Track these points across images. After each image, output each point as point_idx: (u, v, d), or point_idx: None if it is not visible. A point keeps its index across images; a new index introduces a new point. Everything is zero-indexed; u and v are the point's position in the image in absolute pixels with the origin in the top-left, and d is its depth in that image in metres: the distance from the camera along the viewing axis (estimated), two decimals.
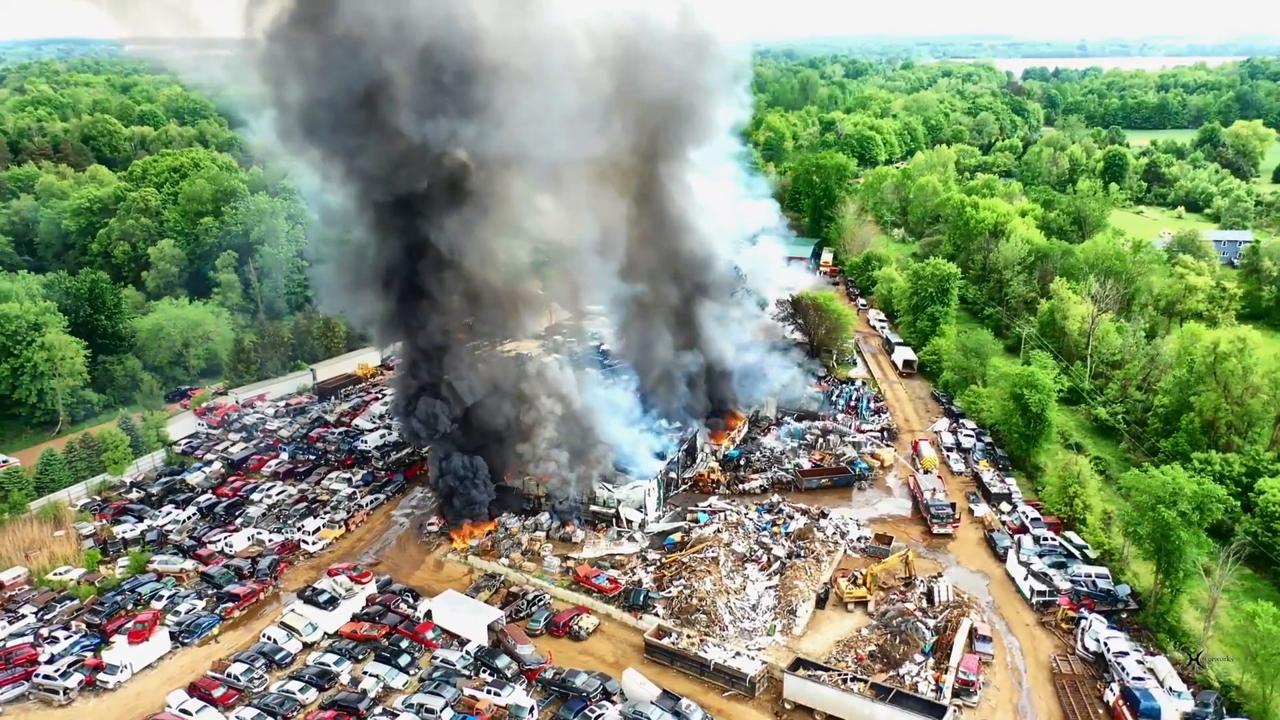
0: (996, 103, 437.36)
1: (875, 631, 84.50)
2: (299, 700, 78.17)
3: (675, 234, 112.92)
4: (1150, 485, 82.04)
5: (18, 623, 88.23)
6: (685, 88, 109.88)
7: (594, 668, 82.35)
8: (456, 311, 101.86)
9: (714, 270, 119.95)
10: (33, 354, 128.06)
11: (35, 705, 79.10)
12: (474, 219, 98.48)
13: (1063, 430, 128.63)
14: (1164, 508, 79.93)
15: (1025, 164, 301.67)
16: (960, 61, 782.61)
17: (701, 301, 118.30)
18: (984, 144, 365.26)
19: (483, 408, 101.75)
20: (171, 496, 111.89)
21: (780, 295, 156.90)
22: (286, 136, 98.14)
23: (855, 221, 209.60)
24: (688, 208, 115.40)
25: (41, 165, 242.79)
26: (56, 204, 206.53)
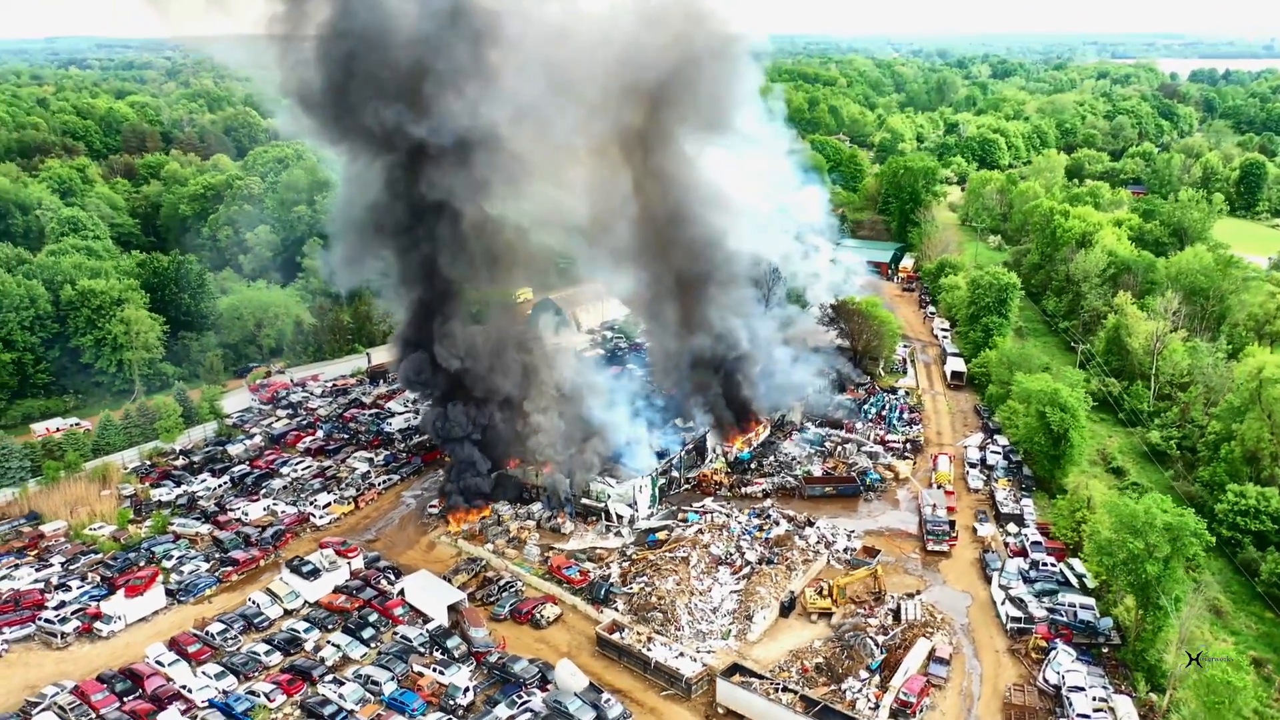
0: (1143, 106, 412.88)
1: (828, 644, 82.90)
2: (262, 662, 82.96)
3: (680, 224, 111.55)
4: (1121, 513, 77.39)
5: (43, 570, 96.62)
6: (683, 61, 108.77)
7: (547, 656, 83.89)
8: (454, 264, 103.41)
9: (730, 267, 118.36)
10: (113, 327, 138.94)
11: (38, 646, 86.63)
12: (477, 177, 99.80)
13: (1106, 452, 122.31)
14: (1131, 538, 75.31)
15: (1155, 172, 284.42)
16: (1120, 62, 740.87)
17: (717, 299, 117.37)
18: (1117, 149, 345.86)
19: (479, 374, 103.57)
20: (211, 465, 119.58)
21: (827, 299, 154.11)
22: (309, 108, 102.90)
23: (937, 226, 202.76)
24: (699, 199, 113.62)
25: (170, 153, 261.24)
26: (178, 190, 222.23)
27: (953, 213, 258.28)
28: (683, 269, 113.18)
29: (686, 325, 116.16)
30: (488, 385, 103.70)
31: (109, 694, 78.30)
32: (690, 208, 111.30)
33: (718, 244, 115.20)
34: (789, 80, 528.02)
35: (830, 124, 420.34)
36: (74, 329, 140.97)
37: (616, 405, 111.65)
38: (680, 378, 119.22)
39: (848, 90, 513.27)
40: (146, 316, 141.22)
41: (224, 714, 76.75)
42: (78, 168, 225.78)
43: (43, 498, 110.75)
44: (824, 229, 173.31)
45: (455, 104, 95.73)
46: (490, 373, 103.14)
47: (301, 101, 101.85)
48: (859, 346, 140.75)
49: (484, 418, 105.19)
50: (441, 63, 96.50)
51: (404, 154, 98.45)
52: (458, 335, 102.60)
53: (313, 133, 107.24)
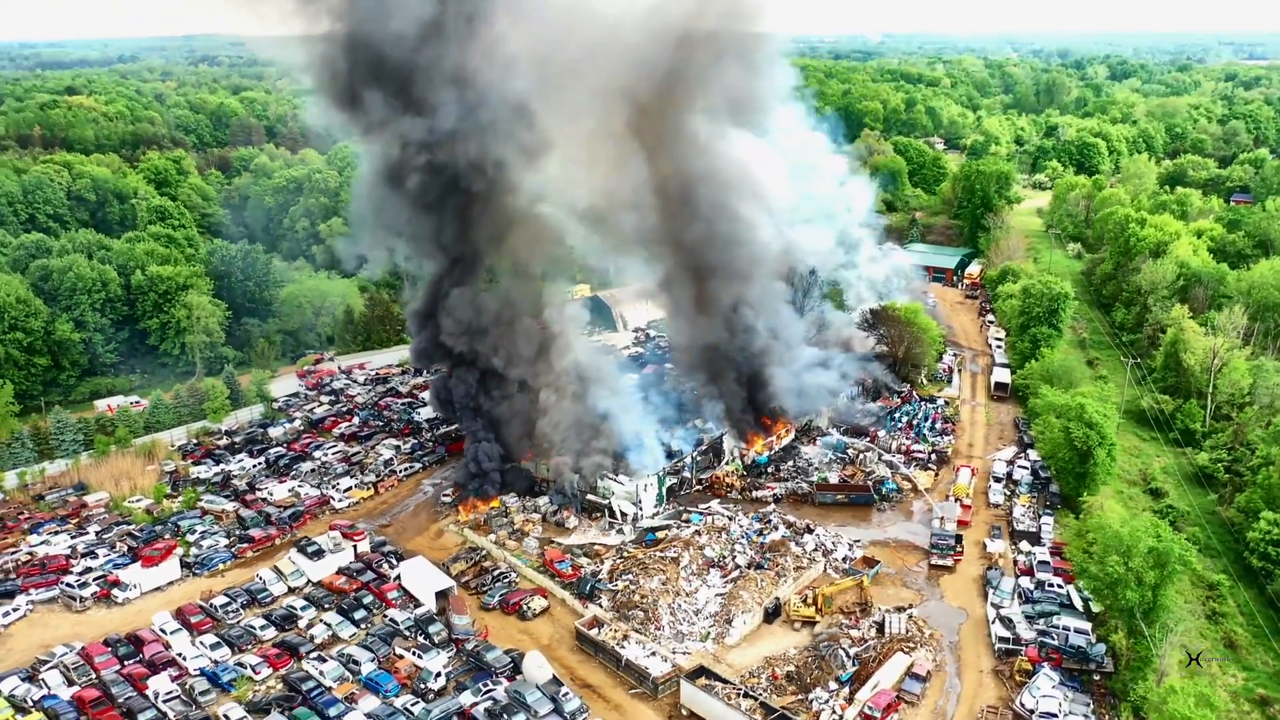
0: (1264, 110, 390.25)
1: (803, 653, 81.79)
2: (257, 636, 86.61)
3: (691, 206, 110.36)
4: (1106, 535, 74.11)
5: (78, 538, 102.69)
6: (692, 47, 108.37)
7: (528, 647, 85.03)
8: (467, 234, 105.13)
9: (749, 256, 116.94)
10: (177, 311, 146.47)
11: (60, 608, 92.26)
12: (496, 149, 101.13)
13: (1148, 473, 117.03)
14: (1115, 561, 72.09)
15: (1263, 180, 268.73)
16: (1253, 64, 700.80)
17: (738, 292, 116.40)
18: (1229, 155, 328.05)
19: (484, 344, 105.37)
20: (250, 446, 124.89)
21: (871, 300, 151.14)
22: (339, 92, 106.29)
23: (1008, 232, 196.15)
24: (716, 183, 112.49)
25: (264, 148, 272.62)
26: (265, 182, 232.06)
27: (1040, 219, 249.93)
28: (698, 256, 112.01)
29: (703, 318, 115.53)
30: (494, 356, 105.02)
31: (111, 657, 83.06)
32: (703, 190, 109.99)
33: (736, 231, 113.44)
34: (890, 81, 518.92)
35: (927, 125, 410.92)
36: (142, 312, 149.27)
37: (630, 401, 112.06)
38: (701, 376, 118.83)
39: (950, 91, 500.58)
40: (208, 302, 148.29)
41: (211, 682, 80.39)
42: (174, 160, 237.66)
43: (92, 470, 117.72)
44: (868, 226, 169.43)
45: (484, 76, 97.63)
46: (497, 342, 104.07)
47: (328, 89, 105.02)
48: (898, 353, 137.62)
49: (494, 394, 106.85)
50: (457, 43, 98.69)
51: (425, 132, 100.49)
52: (464, 301, 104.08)
53: (340, 123, 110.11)
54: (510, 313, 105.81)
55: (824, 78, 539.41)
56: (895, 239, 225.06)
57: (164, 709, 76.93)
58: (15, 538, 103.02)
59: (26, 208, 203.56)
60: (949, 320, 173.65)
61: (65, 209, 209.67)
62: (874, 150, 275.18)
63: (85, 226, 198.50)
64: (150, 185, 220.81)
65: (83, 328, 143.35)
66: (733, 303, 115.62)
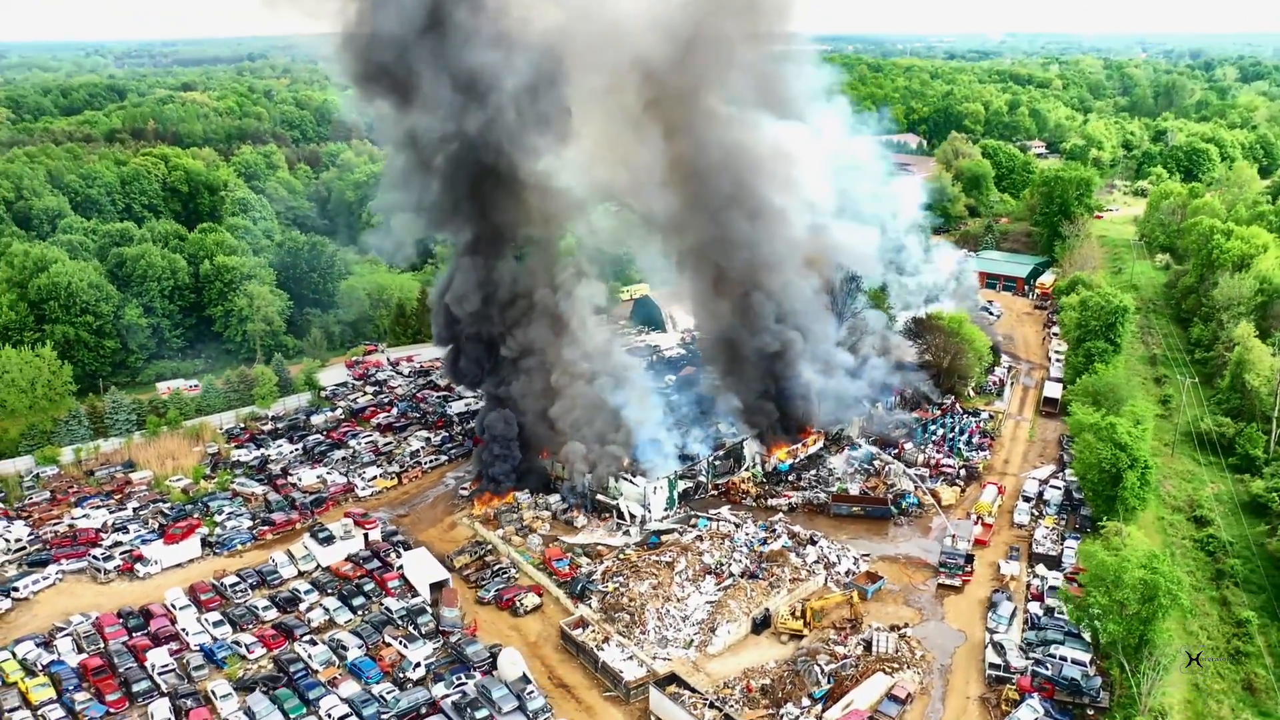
0: None
1: (781, 666, 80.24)
2: (259, 616, 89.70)
3: (707, 189, 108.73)
4: (1093, 564, 70.35)
5: (116, 513, 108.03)
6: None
7: (516, 643, 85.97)
8: (492, 208, 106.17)
9: (773, 249, 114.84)
10: (239, 300, 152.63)
11: (86, 579, 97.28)
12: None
13: (1195, 499, 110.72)
14: (1099, 592, 68.41)
15: None
16: None
17: (765, 287, 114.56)
18: None
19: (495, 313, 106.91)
20: (291, 432, 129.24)
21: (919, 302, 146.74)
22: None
23: (1086, 240, 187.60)
24: (737, 168, 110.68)
25: (350, 143, 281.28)
26: (348, 177, 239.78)
27: (1135, 227, 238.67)
28: (713, 240, 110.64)
29: (721, 311, 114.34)
30: (505, 327, 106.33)
31: (121, 628, 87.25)
32: (720, 169, 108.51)
33: (755, 214, 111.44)
34: (997, 82, 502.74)
35: (1030, 128, 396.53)
36: (208, 300, 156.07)
37: (647, 402, 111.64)
38: (725, 378, 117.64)
39: (1061, 94, 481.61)
40: (268, 292, 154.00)
41: (207, 658, 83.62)
42: (265, 154, 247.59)
43: (142, 449, 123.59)
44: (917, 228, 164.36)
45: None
46: (505, 311, 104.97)
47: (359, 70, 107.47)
48: (942, 364, 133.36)
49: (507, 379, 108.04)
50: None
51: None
52: (476, 269, 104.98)
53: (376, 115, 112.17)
54: (520, 289, 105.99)
55: (928, 78, 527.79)
56: (970, 245, 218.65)
57: (159, 681, 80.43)
58: (61, 510, 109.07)
59: (124, 197, 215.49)
60: (1011, 331, 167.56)
61: (159, 199, 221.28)
62: (960, 153, 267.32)
63: (177, 216, 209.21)
64: (239, 178, 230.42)
65: (151, 313, 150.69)
66: (748, 292, 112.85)
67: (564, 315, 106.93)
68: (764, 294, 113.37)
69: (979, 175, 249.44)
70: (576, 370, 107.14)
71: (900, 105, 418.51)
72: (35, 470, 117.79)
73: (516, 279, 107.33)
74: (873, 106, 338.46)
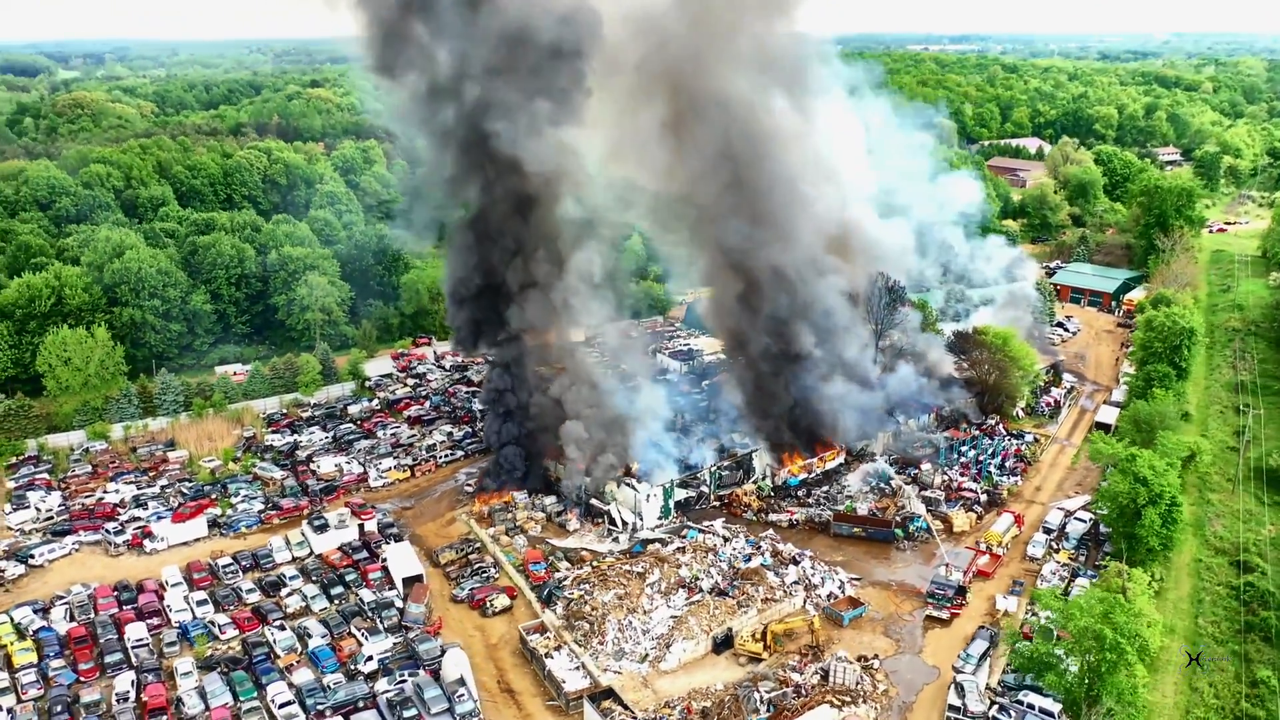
0: None
1: (727, 689, 77.24)
2: (242, 598, 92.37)
3: (720, 165, 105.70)
4: (1051, 608, 64.73)
5: (144, 489, 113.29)
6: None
7: (479, 643, 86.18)
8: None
9: (792, 242, 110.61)
10: (300, 289, 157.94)
11: (99, 551, 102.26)
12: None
13: (1244, 542, 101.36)
14: (1040, 640, 62.90)
15: None
16: None
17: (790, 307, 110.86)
18: None
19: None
20: (326, 421, 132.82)
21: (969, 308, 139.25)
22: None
23: (1183, 254, 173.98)
24: (754, 150, 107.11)
25: None
26: None
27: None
28: (730, 236, 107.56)
29: (739, 315, 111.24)
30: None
31: (113, 600, 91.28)
32: (733, 150, 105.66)
33: (773, 214, 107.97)
34: (1141, 84, 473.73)
35: (1166, 133, 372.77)
36: (273, 289, 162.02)
37: (654, 409, 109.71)
38: (743, 386, 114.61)
39: (1210, 97, 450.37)
40: (326, 282, 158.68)
41: (181, 635, 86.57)
42: (363, 149, 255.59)
43: (185, 429, 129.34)
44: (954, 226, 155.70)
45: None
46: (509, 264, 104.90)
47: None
48: (988, 381, 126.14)
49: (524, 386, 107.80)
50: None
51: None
52: (471, 250, 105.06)
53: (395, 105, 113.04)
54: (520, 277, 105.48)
55: (1065, 79, 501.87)
56: (1064, 257, 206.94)
57: (132, 654, 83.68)
58: (98, 483, 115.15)
59: (225, 188, 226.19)
60: (1086, 350, 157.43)
61: (259, 191, 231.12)
62: (1070, 158, 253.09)
63: (275, 208, 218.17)
64: (336, 172, 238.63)
65: (219, 299, 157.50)
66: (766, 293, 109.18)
67: (558, 303, 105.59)
68: (784, 297, 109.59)
69: (1086, 182, 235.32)
70: (579, 378, 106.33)
71: (1026, 108, 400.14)
72: (85, 444, 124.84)
73: (517, 259, 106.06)
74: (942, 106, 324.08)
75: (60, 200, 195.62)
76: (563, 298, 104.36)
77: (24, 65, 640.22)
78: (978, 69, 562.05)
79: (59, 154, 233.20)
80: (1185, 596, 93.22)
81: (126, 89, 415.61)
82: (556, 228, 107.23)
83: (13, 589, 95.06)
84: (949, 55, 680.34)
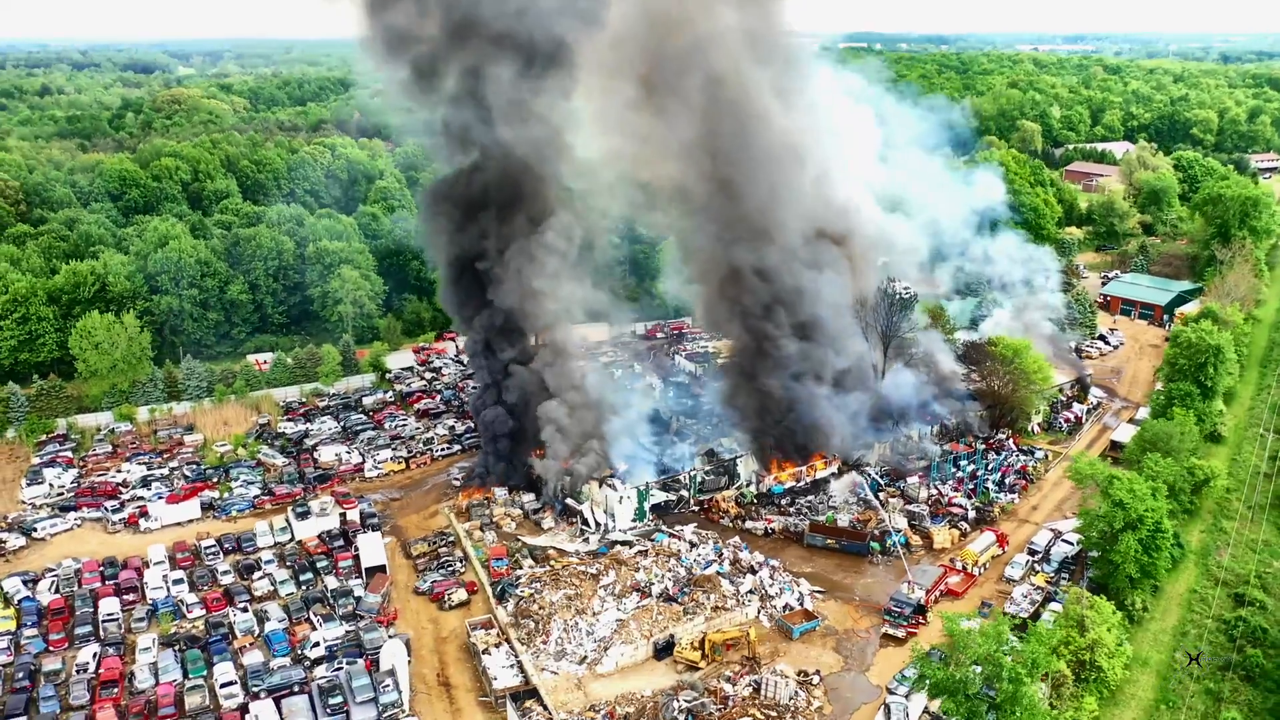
0: None
1: (654, 696, 76.36)
2: (216, 579, 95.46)
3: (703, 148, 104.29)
4: (954, 634, 62.05)
5: (153, 470, 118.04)
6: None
7: (431, 635, 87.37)
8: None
9: (798, 274, 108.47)
10: (334, 282, 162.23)
11: (99, 528, 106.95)
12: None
13: (1249, 573, 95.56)
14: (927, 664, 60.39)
15: None
16: None
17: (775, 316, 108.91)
18: None
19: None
20: (340, 411, 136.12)
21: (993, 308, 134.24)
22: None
23: (1233, 267, 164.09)
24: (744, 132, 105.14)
25: None
26: None
27: None
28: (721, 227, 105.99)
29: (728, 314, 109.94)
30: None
31: (96, 575, 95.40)
32: (719, 135, 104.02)
33: (755, 192, 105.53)
34: (1251, 86, 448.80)
35: (1270, 139, 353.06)
36: (310, 281, 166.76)
37: (638, 411, 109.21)
38: (733, 391, 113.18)
39: None
40: (358, 276, 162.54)
41: (151, 612, 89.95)
42: (423, 145, 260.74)
43: (206, 414, 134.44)
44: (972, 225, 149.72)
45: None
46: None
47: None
48: (1001, 394, 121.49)
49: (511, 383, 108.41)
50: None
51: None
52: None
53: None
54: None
55: (1171, 81, 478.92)
56: (1123, 266, 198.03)
57: (102, 627, 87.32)
58: (114, 463, 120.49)
59: (289, 183, 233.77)
60: (1124, 365, 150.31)
61: (321, 185, 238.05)
62: (1145, 163, 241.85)
63: (337, 203, 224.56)
64: (397, 168, 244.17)
65: (256, 290, 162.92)
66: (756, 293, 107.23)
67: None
68: (766, 294, 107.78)
69: (1159, 189, 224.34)
70: (561, 374, 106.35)
71: (1119, 110, 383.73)
72: (112, 425, 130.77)
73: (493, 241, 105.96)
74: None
75: (130, 192, 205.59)
76: (532, 261, 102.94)
77: (146, 63, 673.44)
78: (1077, 69, 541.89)
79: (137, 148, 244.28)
80: (1169, 628, 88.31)
81: (224, 86, 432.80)
82: (535, 189, 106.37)
83: (12, 559, 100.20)
84: (1049, 56, 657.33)
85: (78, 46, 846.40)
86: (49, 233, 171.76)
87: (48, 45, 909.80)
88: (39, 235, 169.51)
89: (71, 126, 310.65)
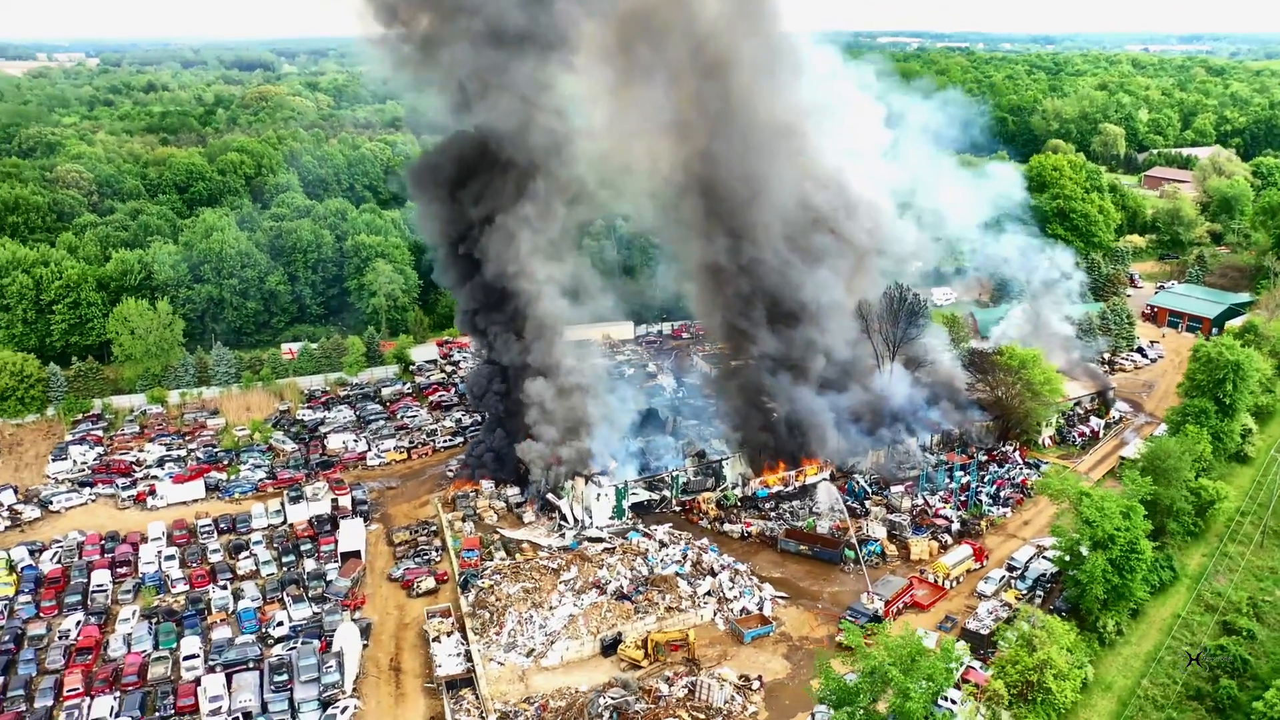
0: None
1: (589, 692, 76.87)
2: (205, 557, 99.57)
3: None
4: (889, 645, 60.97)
5: (171, 451, 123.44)
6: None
7: (395, 620, 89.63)
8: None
9: (793, 276, 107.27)
10: (368, 275, 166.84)
11: (111, 504, 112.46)
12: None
13: (1234, 603, 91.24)
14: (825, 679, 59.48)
15: None
16: None
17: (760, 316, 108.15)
18: None
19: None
20: (359, 400, 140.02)
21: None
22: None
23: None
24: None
25: None
26: None
27: None
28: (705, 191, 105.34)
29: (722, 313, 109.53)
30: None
31: (97, 548, 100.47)
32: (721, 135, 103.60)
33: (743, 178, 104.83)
34: None
35: None
36: (348, 273, 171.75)
37: (623, 409, 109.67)
38: (725, 393, 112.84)
39: None
40: (390, 269, 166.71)
41: (136, 588, 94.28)
42: None
43: (232, 399, 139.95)
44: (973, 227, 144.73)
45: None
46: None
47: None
48: (1007, 402, 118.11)
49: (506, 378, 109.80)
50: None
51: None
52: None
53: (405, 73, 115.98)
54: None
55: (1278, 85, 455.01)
56: (1179, 276, 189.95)
57: (90, 597, 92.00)
58: (138, 443, 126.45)
59: (349, 178, 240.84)
60: (1159, 379, 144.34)
61: (379, 180, 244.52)
62: (1220, 170, 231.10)
63: (396, 198, 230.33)
64: None
65: (295, 281, 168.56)
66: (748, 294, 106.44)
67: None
68: (755, 292, 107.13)
69: (1231, 197, 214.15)
70: (548, 371, 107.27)
71: (1212, 114, 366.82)
72: (144, 407, 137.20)
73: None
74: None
75: (196, 185, 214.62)
76: (520, 227, 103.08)
77: (251, 61, 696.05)
78: (1178, 71, 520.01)
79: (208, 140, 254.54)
80: (1143, 653, 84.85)
81: (310, 84, 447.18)
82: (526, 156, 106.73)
83: (27, 529, 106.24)
84: (1150, 57, 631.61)
85: (193, 45, 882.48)
86: (111, 222, 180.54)
87: (169, 44, 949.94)
88: (100, 225, 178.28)
89: (161, 122, 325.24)
